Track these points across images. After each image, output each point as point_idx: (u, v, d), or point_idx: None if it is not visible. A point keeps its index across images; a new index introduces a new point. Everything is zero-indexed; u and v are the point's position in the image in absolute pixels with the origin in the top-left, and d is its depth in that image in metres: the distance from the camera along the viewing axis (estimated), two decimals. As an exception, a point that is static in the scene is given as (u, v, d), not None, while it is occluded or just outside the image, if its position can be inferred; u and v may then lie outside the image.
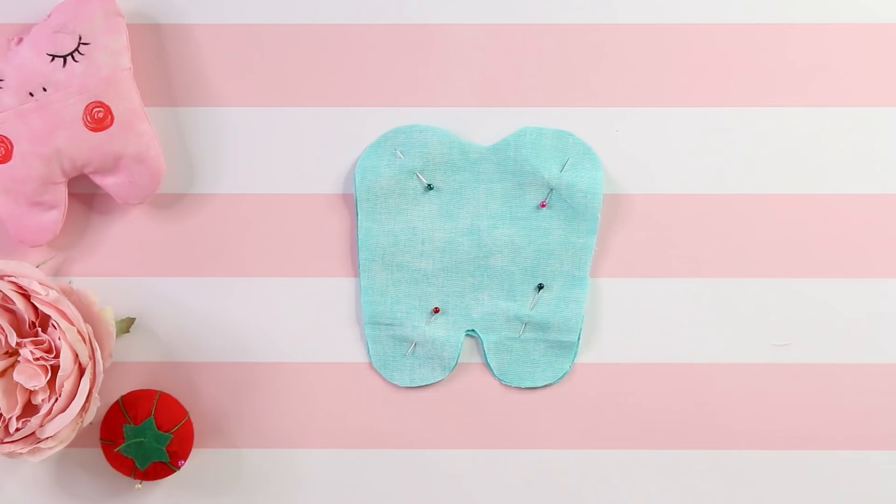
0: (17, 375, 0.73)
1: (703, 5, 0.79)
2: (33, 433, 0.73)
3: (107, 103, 0.75)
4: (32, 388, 0.73)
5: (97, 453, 0.79)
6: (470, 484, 0.79)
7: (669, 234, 0.79)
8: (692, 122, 0.80)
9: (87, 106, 0.75)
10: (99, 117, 0.75)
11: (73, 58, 0.75)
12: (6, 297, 0.73)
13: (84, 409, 0.73)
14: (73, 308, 0.72)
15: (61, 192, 0.77)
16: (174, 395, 0.78)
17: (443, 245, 0.79)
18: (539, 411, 0.79)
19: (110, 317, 0.75)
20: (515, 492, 0.79)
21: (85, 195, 0.79)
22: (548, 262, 0.79)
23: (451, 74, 0.80)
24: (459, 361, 0.79)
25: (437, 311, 0.79)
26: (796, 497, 0.79)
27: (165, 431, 0.76)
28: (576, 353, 0.79)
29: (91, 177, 0.77)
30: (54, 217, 0.77)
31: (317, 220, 0.80)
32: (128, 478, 0.78)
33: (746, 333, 0.79)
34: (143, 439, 0.76)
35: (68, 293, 0.74)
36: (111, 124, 0.76)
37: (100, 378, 0.73)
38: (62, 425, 0.72)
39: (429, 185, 0.79)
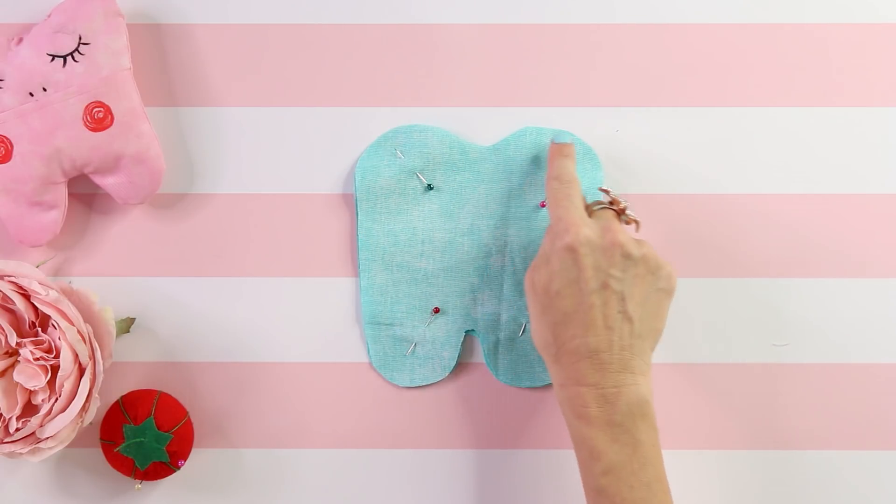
0: (17, 375, 0.73)
1: (703, 5, 0.79)
2: (33, 433, 0.73)
3: (107, 103, 0.75)
4: (32, 388, 0.73)
5: (97, 453, 0.79)
6: (470, 484, 0.79)
7: (669, 234, 0.79)
8: (692, 122, 0.79)
9: (87, 106, 0.75)
10: (99, 117, 0.75)
11: (73, 58, 0.75)
12: (6, 297, 0.73)
13: (84, 409, 0.73)
14: (73, 308, 0.72)
15: (61, 192, 0.77)
16: (174, 395, 0.78)
17: (443, 245, 0.79)
18: (539, 411, 0.79)
19: (110, 317, 0.75)
20: (516, 492, 0.79)
21: (85, 195, 0.79)
22: (548, 262, 0.79)
23: (451, 74, 0.80)
24: (459, 361, 0.79)
25: (437, 311, 0.79)
26: (796, 497, 0.79)
27: (165, 431, 0.76)
28: (576, 353, 0.79)
29: (91, 177, 0.77)
30: (54, 217, 0.77)
31: (317, 220, 0.80)
32: (128, 478, 0.78)
33: (746, 333, 0.79)
34: (143, 439, 0.76)
35: (68, 293, 0.74)
36: (111, 124, 0.76)
37: (100, 378, 0.73)
38: (62, 425, 0.72)
39: (429, 185, 0.79)
